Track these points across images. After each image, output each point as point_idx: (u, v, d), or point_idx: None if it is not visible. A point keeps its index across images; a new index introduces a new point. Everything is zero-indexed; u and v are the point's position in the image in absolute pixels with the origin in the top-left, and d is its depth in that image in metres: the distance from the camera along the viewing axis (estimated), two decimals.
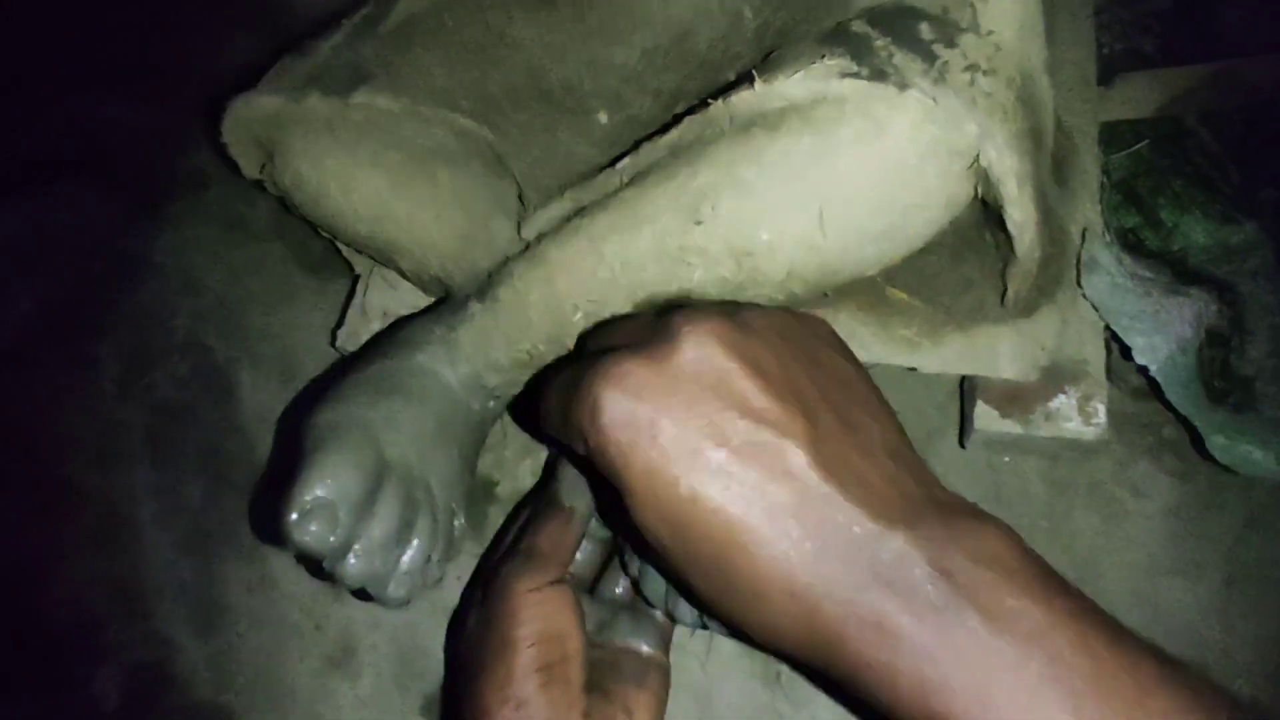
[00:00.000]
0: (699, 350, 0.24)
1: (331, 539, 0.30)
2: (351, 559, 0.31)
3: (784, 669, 0.43)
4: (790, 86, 0.30)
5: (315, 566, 0.31)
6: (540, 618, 0.31)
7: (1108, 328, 0.40)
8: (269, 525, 0.31)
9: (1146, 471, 0.44)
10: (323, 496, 0.30)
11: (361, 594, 0.32)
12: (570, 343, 0.36)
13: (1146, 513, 0.44)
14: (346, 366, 0.39)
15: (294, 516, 0.29)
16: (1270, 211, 0.46)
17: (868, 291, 0.41)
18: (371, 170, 0.41)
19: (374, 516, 0.31)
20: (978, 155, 0.30)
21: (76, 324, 0.60)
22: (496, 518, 0.49)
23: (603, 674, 0.33)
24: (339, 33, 0.44)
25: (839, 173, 0.30)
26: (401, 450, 0.34)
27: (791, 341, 0.26)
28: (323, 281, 0.58)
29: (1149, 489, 0.44)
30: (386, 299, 0.48)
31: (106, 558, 0.52)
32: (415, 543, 0.32)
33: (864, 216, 0.31)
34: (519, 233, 0.39)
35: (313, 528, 0.29)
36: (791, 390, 0.24)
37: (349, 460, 0.31)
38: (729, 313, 0.26)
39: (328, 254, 0.58)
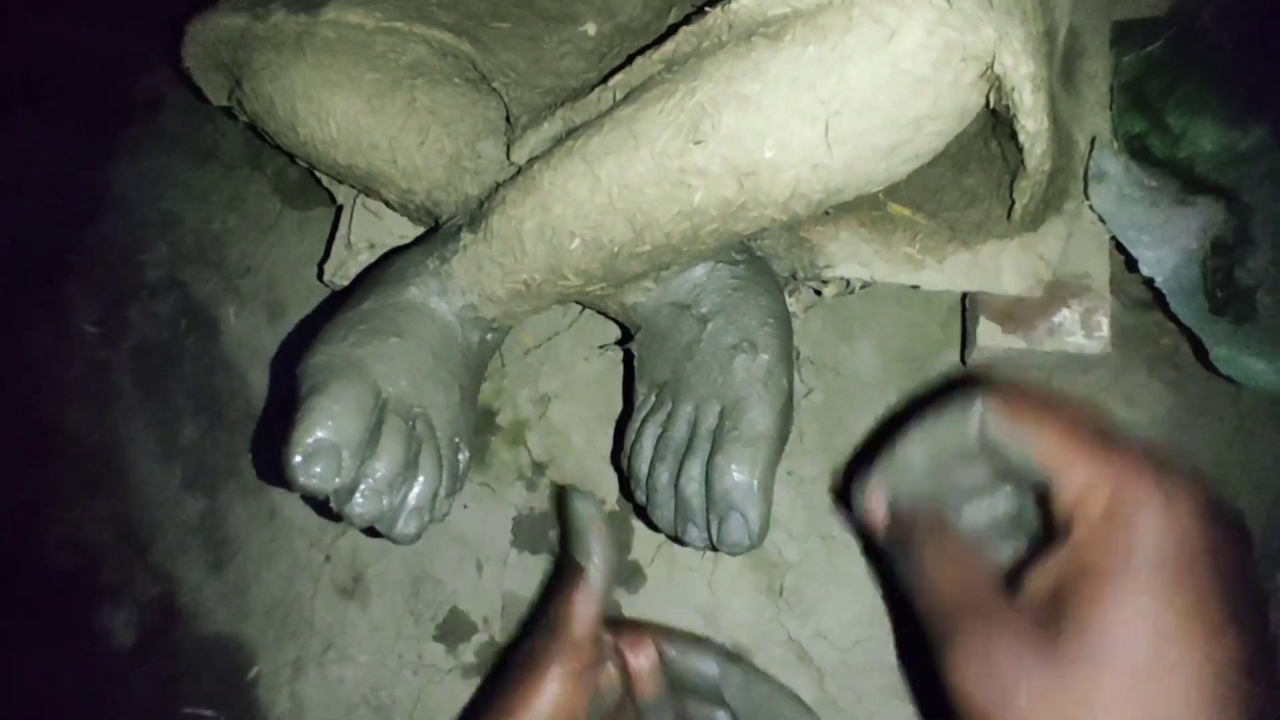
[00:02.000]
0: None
1: (337, 480, 0.30)
2: (358, 498, 0.30)
3: (787, 582, 0.44)
4: None
5: (324, 507, 0.31)
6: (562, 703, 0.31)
7: (1113, 239, 0.39)
8: (273, 467, 0.30)
9: (1142, 381, 0.45)
10: (324, 438, 0.29)
11: (372, 531, 0.32)
12: (568, 272, 0.35)
13: (1139, 422, 0.44)
14: (337, 304, 0.37)
15: (298, 459, 0.29)
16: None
17: (869, 207, 0.40)
18: (346, 92, 0.38)
19: (377, 455, 0.31)
20: (992, 61, 0.28)
21: (46, 264, 0.58)
22: (498, 447, 0.49)
23: None
24: None
25: (847, 83, 0.29)
26: (399, 387, 0.33)
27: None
28: (303, 211, 0.56)
29: (1143, 398, 0.44)
30: (371, 230, 0.46)
31: (108, 499, 0.52)
32: (421, 479, 0.32)
33: (873, 130, 0.29)
34: (508, 156, 0.37)
35: (317, 470, 0.29)
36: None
37: (347, 400, 0.31)
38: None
39: (306, 182, 0.56)
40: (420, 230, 0.44)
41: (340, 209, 0.48)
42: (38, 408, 0.54)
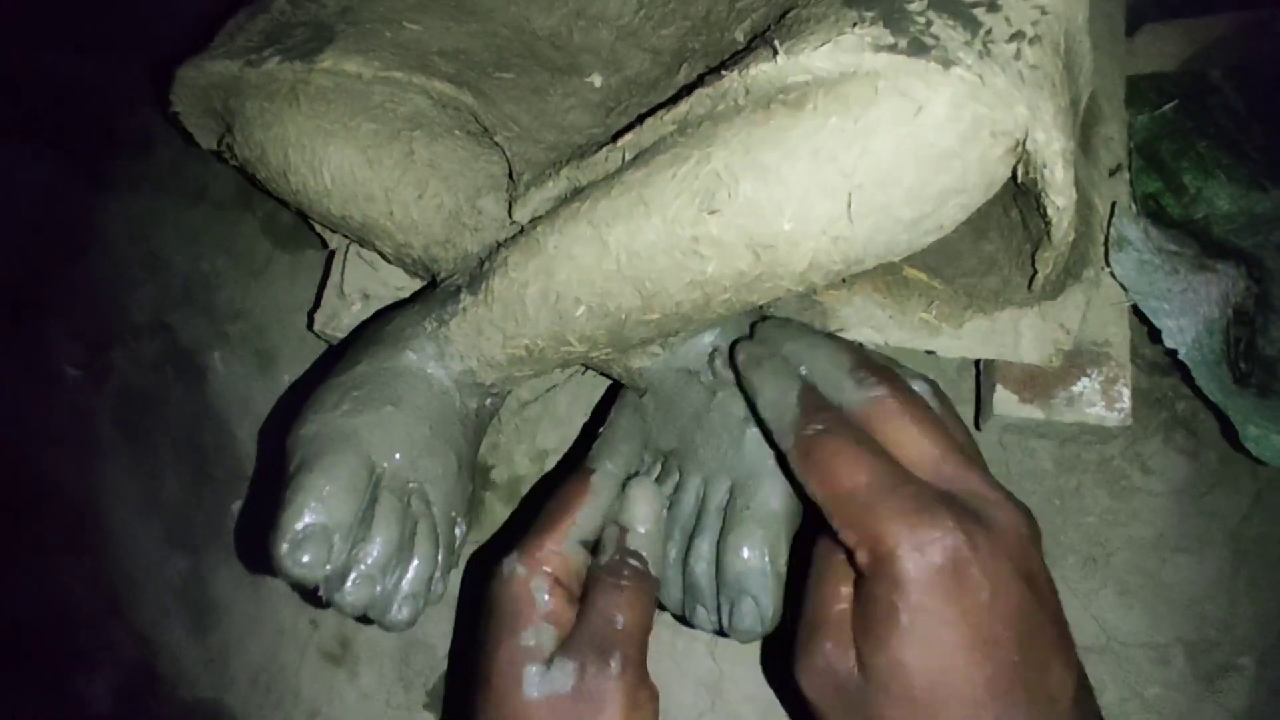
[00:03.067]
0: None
1: (327, 567, 0.28)
2: (349, 586, 0.29)
3: None
4: (817, 60, 0.27)
5: (311, 594, 0.29)
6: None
7: (1133, 307, 0.38)
8: (259, 551, 0.28)
9: (1157, 448, 0.43)
10: (314, 523, 0.28)
11: (364, 618, 0.30)
12: (572, 338, 0.33)
13: (1155, 490, 0.43)
14: (329, 366, 0.36)
15: (285, 547, 0.27)
16: None
17: (885, 271, 0.38)
18: (341, 142, 0.37)
19: (370, 538, 0.29)
20: (1024, 137, 0.27)
21: (27, 303, 0.56)
22: (493, 504, 0.47)
23: None
24: None
25: (870, 156, 0.27)
26: (394, 461, 0.31)
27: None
28: (295, 254, 0.54)
29: (1158, 466, 0.43)
30: (365, 279, 0.44)
31: (86, 554, 0.50)
32: (416, 561, 0.30)
33: (896, 203, 0.28)
34: (510, 214, 0.35)
35: (306, 558, 0.27)
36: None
37: (340, 479, 0.29)
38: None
39: (299, 224, 0.54)
40: (416, 281, 0.43)
41: (332, 255, 0.47)
42: (15, 452, 0.52)
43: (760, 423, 0.32)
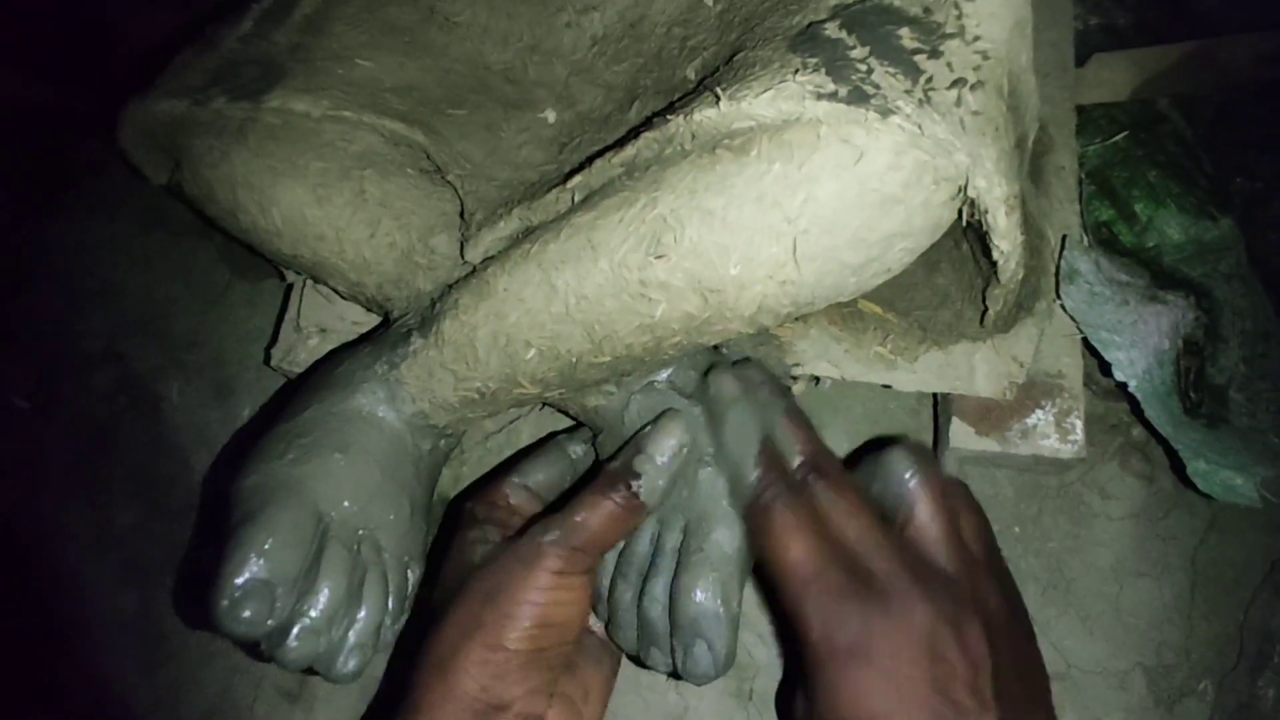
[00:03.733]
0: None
1: (270, 622, 0.27)
2: (292, 641, 0.28)
3: (757, 686, 0.42)
4: (758, 107, 0.27)
5: (253, 648, 0.28)
6: (555, 604, 0.30)
7: (1085, 339, 0.38)
8: (198, 606, 0.28)
9: (1113, 474, 0.44)
10: (255, 578, 0.27)
11: (310, 670, 0.30)
12: (524, 380, 0.33)
13: (1113, 515, 0.43)
14: (285, 401, 0.35)
15: (224, 604, 0.27)
16: (1242, 204, 0.45)
17: (840, 305, 0.39)
18: (290, 181, 0.36)
19: (316, 589, 0.29)
20: (965, 184, 0.27)
21: None
22: None
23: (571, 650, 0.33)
24: (248, 17, 0.39)
25: (814, 202, 0.27)
26: (342, 509, 0.31)
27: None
28: (254, 283, 0.54)
29: (1116, 491, 0.44)
30: (322, 313, 0.44)
31: (39, 592, 0.49)
32: (364, 612, 0.30)
33: (842, 247, 0.28)
34: (462, 254, 0.35)
35: (246, 614, 0.27)
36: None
37: (283, 531, 0.28)
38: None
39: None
40: (373, 316, 0.42)
41: (290, 287, 0.46)
42: None
43: (720, 450, 0.33)
